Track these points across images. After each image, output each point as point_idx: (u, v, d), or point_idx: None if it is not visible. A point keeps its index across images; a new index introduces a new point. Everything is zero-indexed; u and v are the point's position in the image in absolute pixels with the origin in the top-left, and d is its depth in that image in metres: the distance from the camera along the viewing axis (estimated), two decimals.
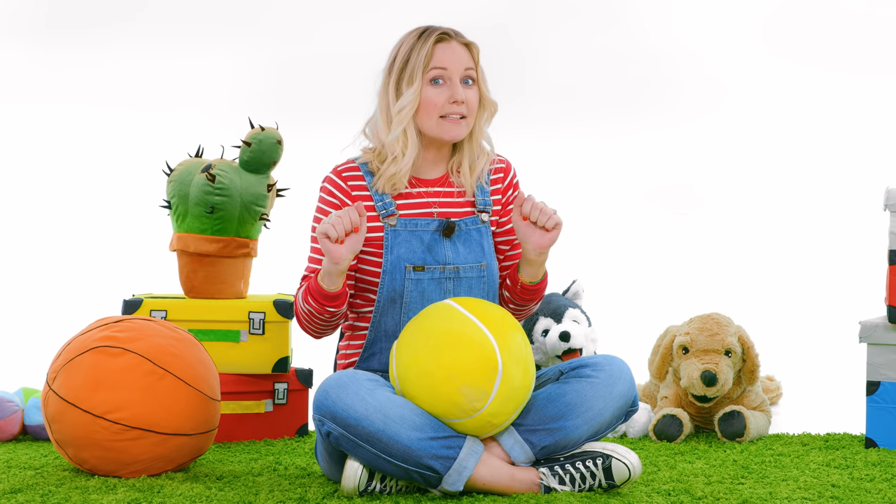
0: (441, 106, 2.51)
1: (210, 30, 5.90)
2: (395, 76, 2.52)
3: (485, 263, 2.57)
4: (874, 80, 5.79)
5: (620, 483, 2.42)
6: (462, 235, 2.56)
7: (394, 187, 2.54)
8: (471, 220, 2.58)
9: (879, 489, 2.49)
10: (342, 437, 2.34)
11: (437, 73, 2.50)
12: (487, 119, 2.59)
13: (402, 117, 2.50)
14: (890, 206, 2.93)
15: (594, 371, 2.46)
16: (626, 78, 6.00)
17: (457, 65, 2.51)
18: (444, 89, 2.51)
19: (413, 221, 2.54)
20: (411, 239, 2.53)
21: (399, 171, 2.52)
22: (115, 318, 2.67)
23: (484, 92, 2.56)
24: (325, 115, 5.37)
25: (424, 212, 2.56)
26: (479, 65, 2.56)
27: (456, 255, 2.55)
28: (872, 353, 2.98)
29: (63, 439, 2.56)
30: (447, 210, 2.58)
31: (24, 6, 5.88)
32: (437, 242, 2.54)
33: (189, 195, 3.10)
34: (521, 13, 5.97)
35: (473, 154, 2.59)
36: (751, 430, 3.08)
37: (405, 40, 2.54)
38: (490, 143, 2.62)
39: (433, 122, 2.52)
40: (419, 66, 2.49)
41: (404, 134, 2.51)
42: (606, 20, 6.02)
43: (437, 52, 2.51)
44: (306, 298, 2.45)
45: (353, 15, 5.89)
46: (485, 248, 2.58)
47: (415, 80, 2.50)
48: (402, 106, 2.50)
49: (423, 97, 2.50)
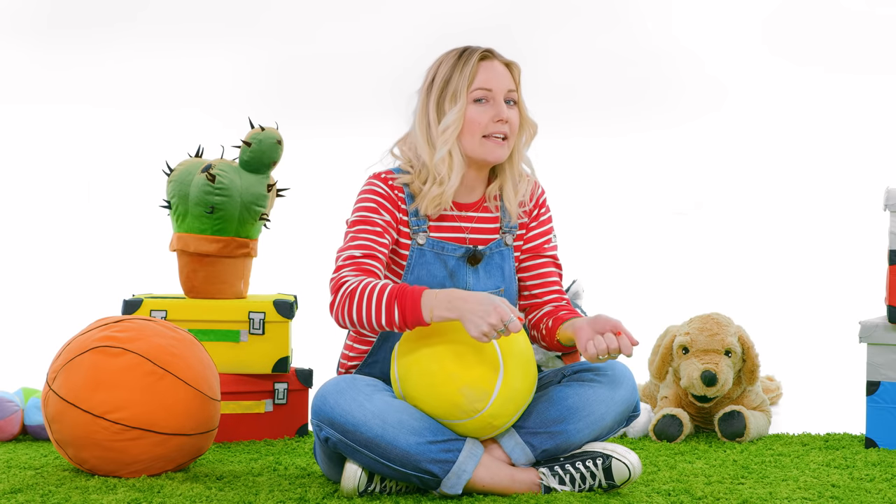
0: (485, 125, 2.47)
1: (211, 29, 5.90)
2: (437, 95, 2.48)
3: (503, 288, 2.55)
4: (874, 80, 5.79)
5: (620, 483, 2.42)
6: (484, 260, 2.54)
7: (437, 208, 2.49)
8: (495, 243, 2.55)
9: (879, 489, 2.49)
10: (340, 442, 2.34)
11: (482, 94, 2.47)
12: (527, 142, 2.55)
13: (446, 137, 2.46)
14: (890, 206, 2.93)
15: (597, 375, 2.46)
16: (627, 78, 6.00)
17: (500, 84, 2.48)
18: (488, 108, 2.47)
19: (441, 244, 2.51)
20: (435, 262, 2.50)
21: (444, 193, 2.48)
22: (115, 318, 2.67)
23: (525, 113, 2.53)
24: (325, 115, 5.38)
25: (456, 237, 2.52)
26: (520, 86, 2.53)
27: (476, 281, 2.52)
28: (872, 353, 2.98)
29: (63, 439, 2.56)
30: (478, 237, 2.55)
31: (25, 6, 5.89)
32: (461, 268, 2.52)
33: (189, 195, 3.10)
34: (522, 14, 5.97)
35: (515, 178, 2.55)
36: (751, 430, 3.08)
37: (444, 60, 2.50)
38: (530, 166, 2.58)
39: (476, 142, 2.47)
40: (463, 85, 2.45)
41: (449, 155, 2.46)
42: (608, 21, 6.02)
43: (481, 71, 2.47)
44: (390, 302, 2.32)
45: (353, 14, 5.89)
46: (505, 273, 2.56)
47: (458, 99, 2.45)
48: (446, 125, 2.46)
49: (467, 116, 2.46)
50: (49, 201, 5.67)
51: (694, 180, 5.87)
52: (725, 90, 5.95)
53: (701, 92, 5.93)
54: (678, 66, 5.97)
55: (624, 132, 5.95)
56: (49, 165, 5.72)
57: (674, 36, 6.00)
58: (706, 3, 6.02)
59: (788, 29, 5.96)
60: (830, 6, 5.88)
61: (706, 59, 5.96)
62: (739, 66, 5.97)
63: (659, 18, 6.06)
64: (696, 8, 6.02)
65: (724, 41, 5.98)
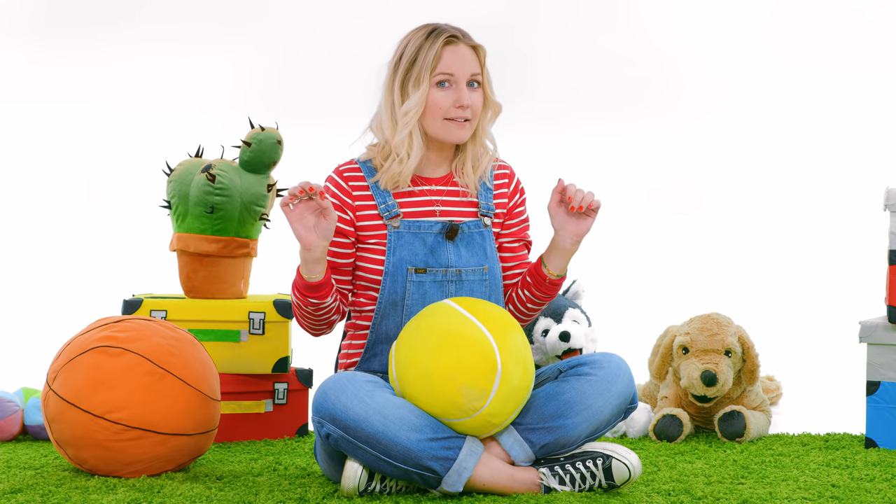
0: (446, 109, 2.50)
1: (210, 29, 5.90)
2: (402, 75, 2.51)
3: (487, 267, 2.57)
4: (874, 80, 5.79)
5: (620, 483, 2.42)
6: (465, 238, 2.56)
7: (396, 185, 2.54)
8: (473, 223, 2.58)
9: (879, 489, 2.49)
10: (341, 438, 2.34)
11: (444, 77, 2.50)
12: (491, 119, 2.59)
13: (407, 120, 2.50)
14: (890, 206, 2.93)
15: (592, 369, 2.47)
16: (627, 78, 6.00)
17: (464, 69, 2.50)
18: (450, 92, 2.50)
19: (416, 223, 2.54)
20: (414, 241, 2.52)
21: (403, 171, 2.52)
22: (115, 318, 2.67)
23: (489, 94, 2.56)
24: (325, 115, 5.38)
25: (427, 210, 2.55)
26: (486, 67, 2.55)
27: (459, 257, 2.54)
28: (872, 353, 2.98)
29: (63, 439, 2.56)
30: (450, 209, 2.58)
31: (24, 5, 5.88)
32: (440, 245, 2.54)
33: (189, 195, 3.10)
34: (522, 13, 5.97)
35: (477, 153, 2.59)
36: (751, 430, 3.08)
37: (412, 38, 2.53)
38: (493, 142, 2.62)
39: (437, 124, 2.52)
40: (426, 69, 2.48)
41: (410, 136, 2.51)
42: (608, 21, 6.02)
43: (445, 55, 2.49)
44: (293, 291, 2.47)
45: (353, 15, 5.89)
46: (487, 252, 2.58)
47: (421, 83, 2.49)
48: (408, 109, 2.50)
49: (429, 99, 2.50)
50: (49, 201, 5.67)
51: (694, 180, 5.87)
52: (726, 90, 5.95)
53: (701, 92, 5.93)
54: (678, 67, 5.97)
55: (623, 132, 5.95)
56: (48, 165, 5.72)
57: (674, 36, 5.99)
58: (706, 4, 6.02)
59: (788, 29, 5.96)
60: (830, 6, 5.88)
61: (706, 60, 5.96)
62: (739, 66, 5.97)
63: (659, 18, 6.06)
64: (696, 8, 6.02)
65: (724, 41, 5.98)
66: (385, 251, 2.52)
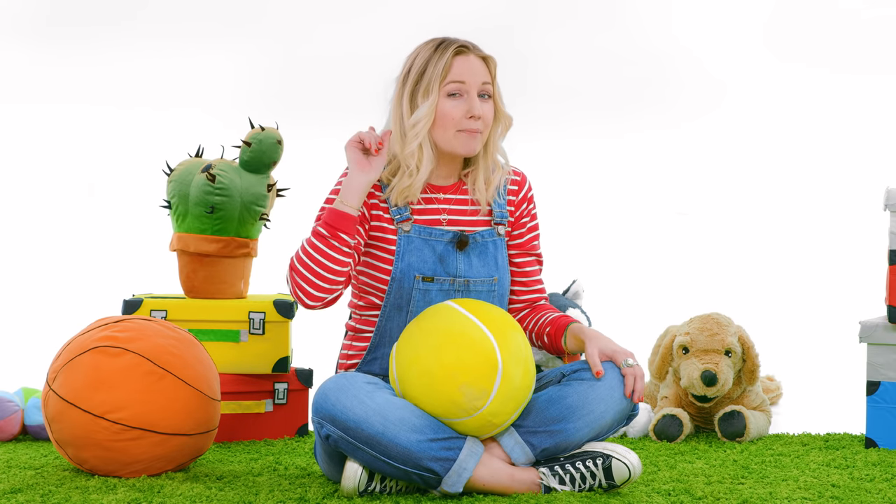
0: (458, 120, 2.47)
1: (211, 29, 5.91)
2: (411, 87, 2.48)
3: (497, 277, 2.55)
4: (874, 80, 5.80)
5: (620, 483, 2.42)
6: (477, 248, 2.54)
7: (406, 200, 2.51)
8: (487, 231, 2.56)
9: (879, 489, 2.49)
10: (341, 439, 2.34)
11: (455, 87, 2.46)
12: (502, 133, 2.55)
13: (417, 131, 2.46)
14: (890, 206, 2.93)
15: None
16: (626, 78, 6.00)
17: (474, 78, 2.47)
18: (461, 103, 2.47)
19: (428, 230, 2.51)
20: (424, 248, 2.51)
21: (413, 185, 2.49)
22: (115, 318, 2.67)
23: (500, 106, 2.52)
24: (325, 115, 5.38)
25: (437, 218, 2.53)
26: (496, 79, 2.52)
27: (469, 268, 2.53)
28: (872, 353, 2.98)
29: (63, 439, 2.56)
30: (458, 218, 2.55)
31: (26, 6, 5.89)
32: (450, 254, 2.52)
33: (189, 195, 3.10)
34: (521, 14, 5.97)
35: (489, 168, 2.56)
36: (751, 430, 3.08)
37: (421, 51, 2.49)
38: (505, 156, 2.58)
39: (449, 136, 2.48)
40: (436, 79, 2.45)
41: (420, 148, 2.47)
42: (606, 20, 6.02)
43: (455, 65, 2.46)
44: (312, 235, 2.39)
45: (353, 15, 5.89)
46: (499, 262, 2.56)
47: (431, 93, 2.46)
48: (417, 119, 2.46)
49: (440, 110, 2.46)
50: (49, 201, 5.67)
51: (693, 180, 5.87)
52: (725, 90, 5.96)
53: (700, 92, 5.94)
54: (677, 66, 5.97)
55: (622, 132, 5.95)
56: (49, 165, 5.72)
57: (673, 36, 6.00)
58: (706, 3, 6.03)
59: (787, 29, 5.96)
60: (829, 6, 5.88)
61: (705, 59, 5.96)
62: (738, 65, 5.98)
63: (658, 18, 6.06)
64: (695, 8, 6.03)
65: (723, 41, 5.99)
66: (393, 256, 2.51)
